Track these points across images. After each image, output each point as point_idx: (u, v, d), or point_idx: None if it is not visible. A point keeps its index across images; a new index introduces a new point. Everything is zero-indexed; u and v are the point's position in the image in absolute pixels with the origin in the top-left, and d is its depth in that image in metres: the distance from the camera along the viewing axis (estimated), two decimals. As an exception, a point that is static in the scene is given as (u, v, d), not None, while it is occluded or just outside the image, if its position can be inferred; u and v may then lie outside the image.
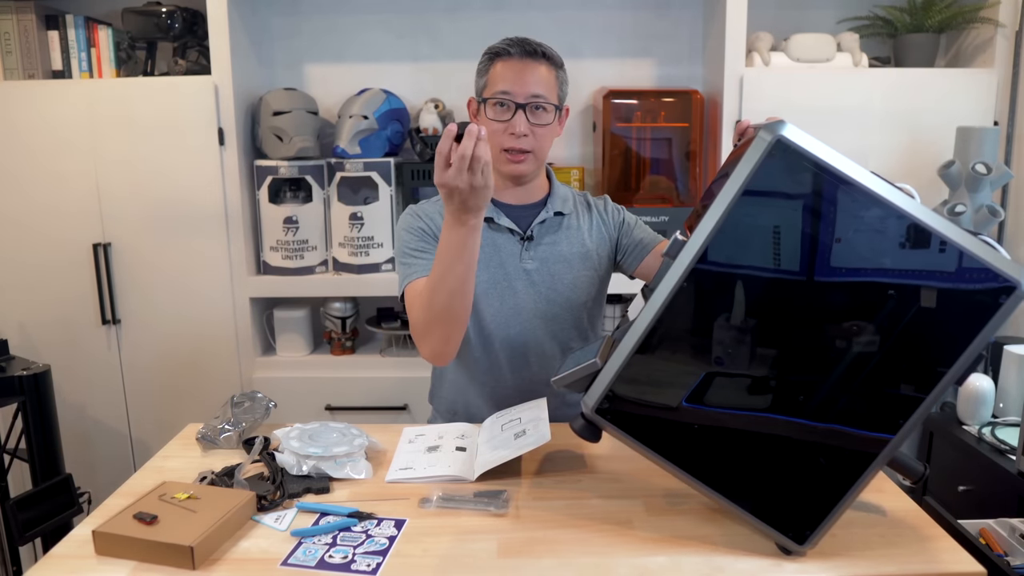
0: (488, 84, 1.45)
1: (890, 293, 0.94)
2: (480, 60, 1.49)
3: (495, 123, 1.43)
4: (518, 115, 1.42)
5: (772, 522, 1.03)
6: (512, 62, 1.43)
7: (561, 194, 1.55)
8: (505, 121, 1.42)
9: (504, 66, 1.43)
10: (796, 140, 0.92)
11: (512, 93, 1.41)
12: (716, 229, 0.94)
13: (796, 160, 0.92)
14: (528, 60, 1.43)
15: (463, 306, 1.32)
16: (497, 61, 1.44)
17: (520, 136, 1.42)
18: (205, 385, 2.40)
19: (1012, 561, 1.34)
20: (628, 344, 1.00)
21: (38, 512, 1.87)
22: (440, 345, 1.37)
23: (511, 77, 1.42)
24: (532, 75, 1.42)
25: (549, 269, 1.50)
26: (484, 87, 1.46)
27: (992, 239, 0.94)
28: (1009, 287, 0.90)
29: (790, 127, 0.92)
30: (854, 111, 2.26)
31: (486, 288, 1.48)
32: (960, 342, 0.92)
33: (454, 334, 1.36)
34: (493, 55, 1.46)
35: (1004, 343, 2.02)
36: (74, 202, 2.31)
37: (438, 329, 1.34)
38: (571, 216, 1.54)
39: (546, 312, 1.51)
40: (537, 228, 1.50)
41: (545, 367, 1.51)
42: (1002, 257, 0.91)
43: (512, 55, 1.43)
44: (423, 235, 1.47)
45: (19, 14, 2.29)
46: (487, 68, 1.46)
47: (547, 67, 1.45)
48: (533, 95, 1.42)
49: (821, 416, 0.99)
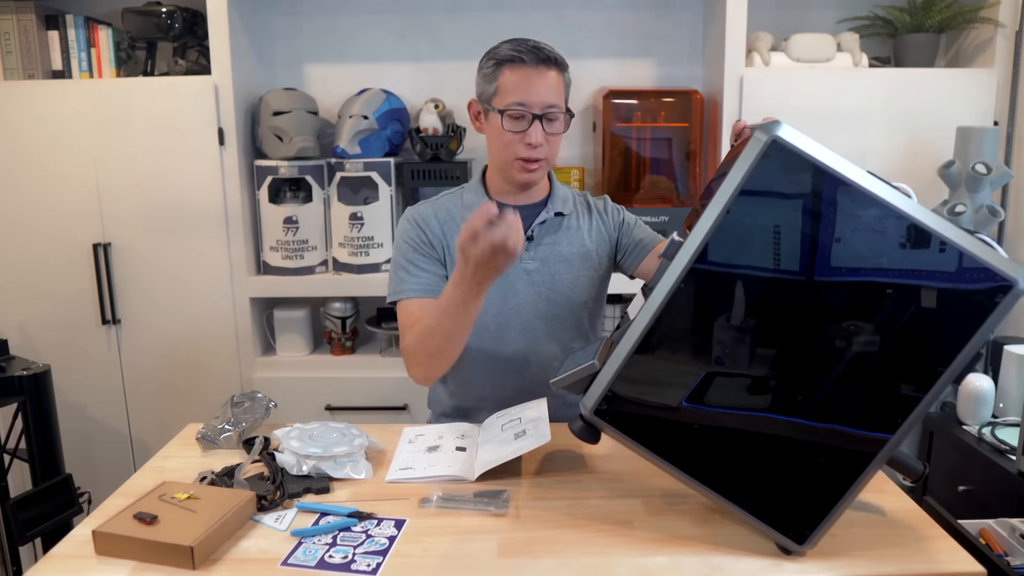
0: (499, 92, 1.42)
1: (888, 292, 0.94)
2: (484, 63, 1.46)
3: (511, 134, 1.42)
4: (535, 126, 1.40)
5: (772, 522, 1.03)
6: (525, 70, 1.39)
7: (561, 194, 1.55)
8: (521, 132, 1.41)
9: (516, 74, 1.40)
10: (792, 140, 0.92)
11: (528, 104, 1.39)
12: (713, 229, 0.94)
13: (792, 160, 0.92)
14: (541, 68, 1.40)
15: (458, 346, 1.36)
16: (507, 68, 1.41)
17: (537, 146, 1.41)
18: (205, 385, 2.40)
19: (1012, 561, 1.34)
20: (626, 345, 1.00)
21: (38, 512, 1.87)
22: (430, 371, 1.42)
23: (526, 87, 1.39)
24: (544, 83, 1.40)
25: (549, 269, 1.50)
26: (494, 94, 1.43)
27: (991, 238, 0.94)
28: (1006, 286, 0.90)
29: (786, 127, 0.92)
30: (854, 111, 2.26)
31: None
32: (958, 341, 0.92)
33: (445, 366, 1.40)
34: (502, 61, 1.41)
35: (1004, 343, 2.02)
36: (74, 202, 2.31)
37: (430, 361, 1.39)
38: (571, 216, 1.54)
39: (546, 312, 1.51)
40: (538, 228, 1.50)
41: (545, 367, 1.51)
42: (999, 256, 0.91)
43: (525, 62, 1.39)
44: (419, 246, 1.47)
45: (19, 14, 2.29)
46: (495, 74, 1.42)
47: (556, 72, 1.42)
48: (548, 105, 1.40)
49: (820, 416, 0.99)
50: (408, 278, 1.46)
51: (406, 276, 1.46)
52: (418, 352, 1.39)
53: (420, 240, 1.48)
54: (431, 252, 1.49)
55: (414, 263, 1.47)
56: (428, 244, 1.48)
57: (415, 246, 1.48)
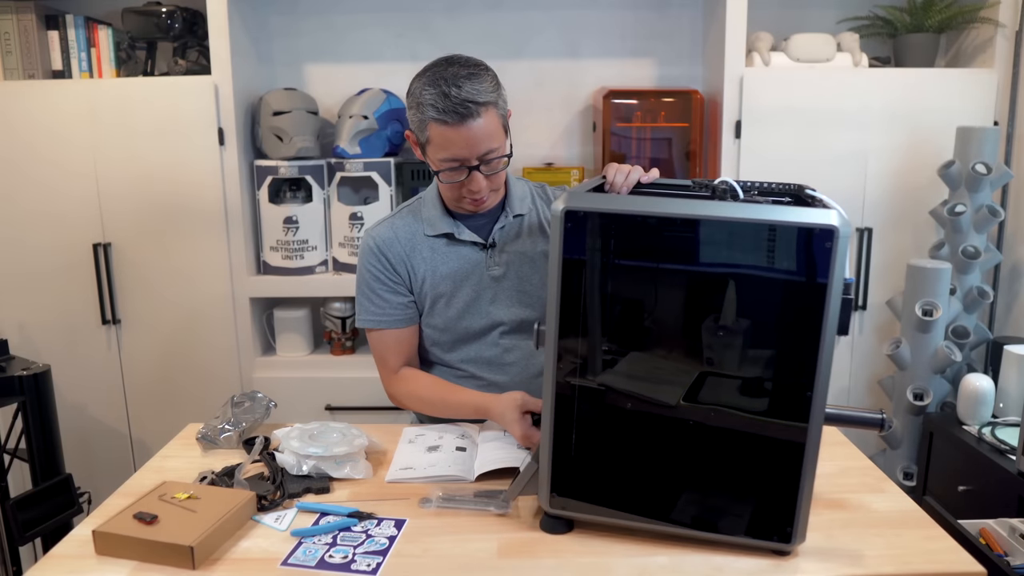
0: (432, 144, 1.33)
1: (743, 281, 0.98)
2: (410, 103, 1.36)
3: (451, 184, 1.38)
4: (473, 175, 1.35)
5: (755, 535, 1.03)
6: (451, 130, 1.29)
7: (519, 195, 1.51)
8: (461, 181, 1.37)
9: (444, 132, 1.30)
10: (580, 204, 1.00)
11: (462, 159, 1.33)
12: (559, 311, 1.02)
13: (592, 218, 0.99)
14: (468, 122, 1.29)
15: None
16: (436, 125, 1.30)
17: (478, 191, 1.38)
18: (205, 385, 2.40)
19: (1012, 561, 1.34)
20: (545, 436, 1.07)
21: (38, 512, 1.87)
22: (404, 406, 1.55)
23: (458, 143, 1.30)
24: (476, 134, 1.30)
25: (516, 272, 1.48)
26: (427, 143, 1.34)
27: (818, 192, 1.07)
28: (828, 231, 0.94)
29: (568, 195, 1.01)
30: (854, 111, 2.27)
31: (462, 309, 1.48)
32: (817, 296, 0.95)
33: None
34: (427, 118, 1.31)
35: (1004, 343, 2.02)
36: (74, 202, 2.31)
37: (416, 411, 1.56)
38: (531, 214, 1.52)
39: (523, 317, 1.50)
40: (498, 233, 1.48)
41: (537, 366, 1.50)
42: (814, 210, 0.96)
43: (449, 123, 1.29)
44: (381, 276, 1.47)
45: (19, 14, 2.29)
46: (424, 125, 1.32)
47: (486, 116, 1.30)
48: (483, 153, 1.33)
49: (745, 420, 1.01)
50: (374, 308, 1.48)
51: (371, 307, 1.48)
52: (407, 405, 1.54)
53: (383, 268, 1.47)
54: (394, 279, 1.47)
55: (377, 294, 1.47)
56: (391, 271, 1.47)
57: (377, 275, 1.47)
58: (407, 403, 1.52)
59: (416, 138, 1.39)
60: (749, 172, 2.27)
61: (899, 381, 2.18)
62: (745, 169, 2.27)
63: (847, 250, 0.94)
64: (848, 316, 0.97)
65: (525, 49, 2.56)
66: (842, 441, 1.40)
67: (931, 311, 2.07)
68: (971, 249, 2.15)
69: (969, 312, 2.20)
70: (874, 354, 2.39)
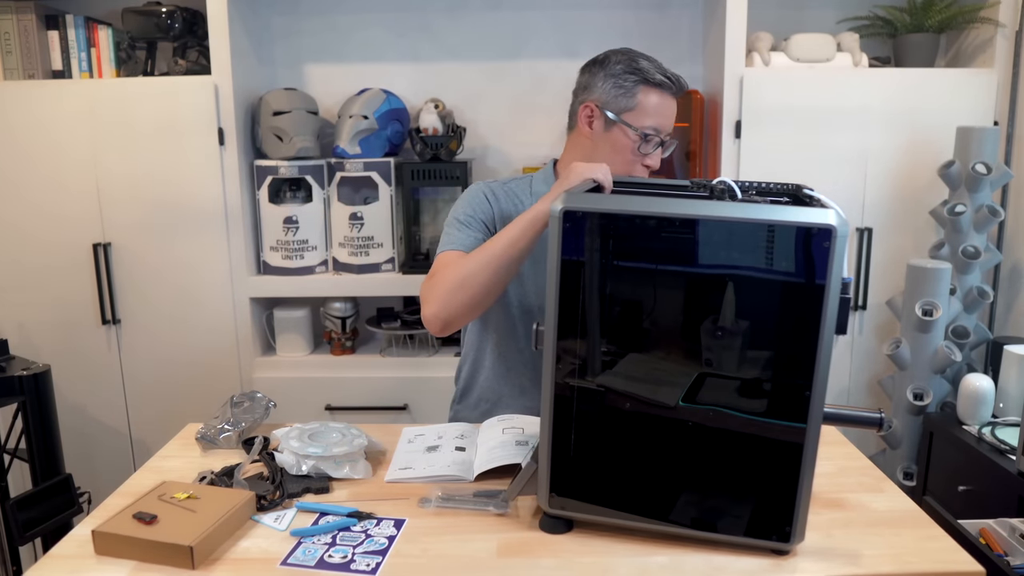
0: (639, 111, 1.44)
1: (731, 283, 0.98)
2: (619, 72, 1.44)
3: (635, 154, 1.45)
4: (658, 152, 1.47)
5: (753, 534, 1.03)
6: (667, 99, 1.45)
7: None
8: (646, 155, 1.46)
9: (659, 100, 1.44)
10: (578, 204, 1.00)
11: (662, 131, 1.45)
12: (558, 311, 1.02)
13: (591, 219, 1.00)
14: (676, 99, 1.47)
15: (490, 286, 1.30)
16: (652, 91, 1.43)
17: (653, 170, 1.49)
18: (205, 385, 2.40)
19: (1012, 561, 1.34)
20: (544, 436, 1.07)
21: (38, 512, 1.87)
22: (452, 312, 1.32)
23: (666, 114, 1.46)
24: (674, 112, 1.48)
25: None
26: (630, 110, 1.44)
27: (816, 192, 1.07)
28: (826, 231, 0.94)
29: (566, 195, 1.01)
30: (854, 111, 2.26)
31: (536, 274, 1.48)
32: (816, 296, 0.96)
33: (469, 313, 1.33)
34: (647, 80, 1.43)
35: (1004, 343, 2.02)
36: (74, 202, 2.31)
37: (454, 292, 1.30)
38: None
39: None
40: None
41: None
42: (812, 210, 0.95)
43: (668, 92, 1.45)
44: (480, 211, 1.47)
45: (19, 14, 2.29)
46: (635, 90, 1.43)
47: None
48: (671, 133, 1.48)
49: (744, 420, 1.01)
50: (458, 235, 1.45)
51: (456, 233, 1.46)
52: (453, 305, 1.31)
53: (483, 208, 1.49)
54: (488, 220, 1.48)
55: (468, 225, 1.46)
56: (488, 213, 1.49)
57: (475, 211, 1.48)
58: (454, 296, 1.30)
59: (605, 107, 1.45)
60: (749, 172, 2.27)
61: (899, 381, 2.18)
62: (745, 169, 2.27)
63: (845, 250, 0.95)
64: (847, 315, 0.97)
65: (525, 49, 2.56)
66: (841, 441, 1.40)
67: (931, 311, 2.07)
68: (971, 249, 2.15)
69: (969, 312, 2.20)
70: (874, 354, 2.39)
